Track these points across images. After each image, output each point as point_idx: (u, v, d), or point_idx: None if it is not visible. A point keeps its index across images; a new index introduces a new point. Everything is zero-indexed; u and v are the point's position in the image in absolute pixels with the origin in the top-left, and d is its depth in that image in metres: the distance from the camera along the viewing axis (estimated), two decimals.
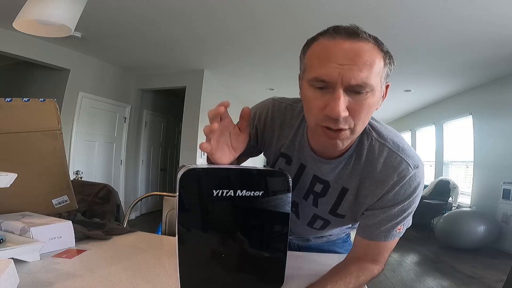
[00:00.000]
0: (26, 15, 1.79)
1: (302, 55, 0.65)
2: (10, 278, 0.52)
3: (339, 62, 0.55)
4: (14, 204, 0.91)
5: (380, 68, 0.58)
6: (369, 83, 0.56)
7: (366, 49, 0.56)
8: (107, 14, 2.86)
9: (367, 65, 0.56)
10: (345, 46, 0.56)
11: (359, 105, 0.57)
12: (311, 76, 0.59)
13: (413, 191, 0.66)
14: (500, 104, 4.16)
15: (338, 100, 0.56)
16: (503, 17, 2.54)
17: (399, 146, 0.67)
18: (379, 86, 0.59)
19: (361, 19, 2.65)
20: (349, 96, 0.57)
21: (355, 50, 0.56)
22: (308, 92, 0.60)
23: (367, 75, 0.55)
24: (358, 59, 0.55)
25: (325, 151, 0.70)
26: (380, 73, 0.58)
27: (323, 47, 0.58)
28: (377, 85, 0.58)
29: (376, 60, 0.57)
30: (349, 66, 0.55)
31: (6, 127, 0.91)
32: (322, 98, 0.58)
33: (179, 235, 0.55)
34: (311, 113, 0.61)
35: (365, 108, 0.58)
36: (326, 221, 0.79)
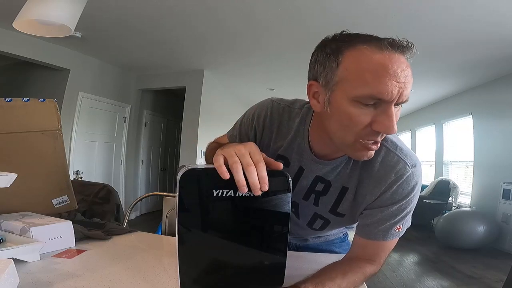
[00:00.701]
0: (26, 15, 1.79)
1: (334, 64, 0.58)
2: (10, 278, 0.52)
3: (398, 80, 0.53)
4: (14, 204, 0.91)
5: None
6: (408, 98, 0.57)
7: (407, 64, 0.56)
8: (107, 14, 2.86)
9: (409, 80, 0.56)
10: (400, 62, 0.54)
11: (397, 117, 0.58)
12: (361, 93, 0.54)
13: (411, 190, 0.67)
14: (500, 104, 4.16)
15: (392, 116, 0.55)
16: (503, 17, 2.54)
17: (397, 145, 0.68)
18: None
19: (361, 19, 2.66)
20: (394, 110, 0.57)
21: (406, 66, 0.55)
22: (350, 109, 0.56)
23: (409, 91, 0.56)
24: (409, 75, 0.55)
25: (327, 153, 0.71)
26: None
27: (376, 61, 0.54)
28: None
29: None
30: (405, 83, 0.54)
31: (6, 127, 0.91)
32: (370, 114, 0.56)
33: (179, 235, 0.55)
34: (352, 129, 0.58)
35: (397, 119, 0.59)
36: (326, 220, 0.79)
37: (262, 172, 0.52)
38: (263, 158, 0.55)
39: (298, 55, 3.22)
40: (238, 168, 0.52)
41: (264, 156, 0.56)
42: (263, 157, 0.55)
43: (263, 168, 0.53)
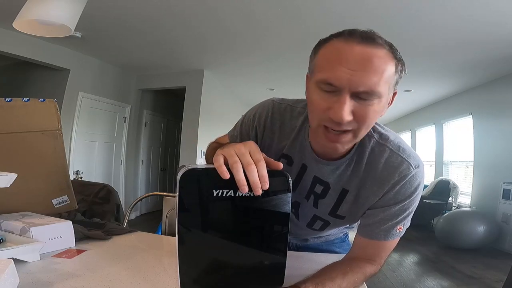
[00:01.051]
0: (26, 15, 1.79)
1: (313, 55, 0.63)
2: (10, 278, 0.52)
3: (349, 67, 0.54)
4: (14, 204, 0.91)
5: (390, 75, 0.58)
6: (376, 91, 0.55)
7: (379, 55, 0.55)
8: (107, 14, 2.86)
9: (377, 72, 0.55)
10: (357, 50, 0.55)
11: (365, 111, 0.57)
12: (319, 77, 0.58)
13: (413, 190, 0.67)
14: (500, 104, 4.16)
15: (343, 104, 0.55)
16: (503, 17, 2.54)
17: (400, 146, 0.68)
18: (387, 93, 0.59)
19: (361, 19, 2.65)
20: (355, 101, 0.57)
21: (367, 55, 0.55)
22: (313, 94, 0.60)
23: (375, 82, 0.55)
24: (369, 65, 0.54)
25: (326, 153, 0.70)
26: (389, 81, 0.58)
27: (335, 49, 0.57)
28: (384, 93, 0.58)
29: (388, 67, 0.56)
30: (359, 72, 0.54)
31: (6, 127, 0.91)
32: (328, 100, 0.58)
33: (179, 235, 0.55)
34: (314, 113, 0.61)
35: (370, 115, 0.58)
36: (326, 222, 0.79)
37: (262, 170, 0.52)
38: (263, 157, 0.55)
39: (298, 55, 3.22)
40: (238, 168, 0.52)
41: (263, 156, 0.56)
42: (262, 156, 0.55)
43: (263, 167, 0.53)
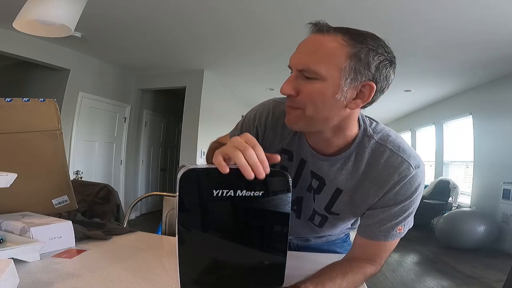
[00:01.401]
0: (26, 15, 1.79)
1: None
2: (10, 278, 0.52)
3: (298, 51, 0.63)
4: (14, 204, 0.91)
5: (340, 61, 0.59)
6: (312, 69, 0.60)
7: (323, 40, 0.60)
8: (107, 14, 2.86)
9: (317, 53, 0.60)
10: (308, 38, 0.63)
11: (306, 88, 0.61)
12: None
13: (414, 191, 0.67)
14: (500, 104, 4.16)
15: (287, 80, 0.63)
16: (503, 17, 2.54)
17: (400, 146, 0.68)
18: (337, 78, 0.59)
19: (361, 19, 2.65)
20: (301, 80, 0.62)
21: (311, 40, 0.62)
22: None
23: (311, 61, 0.60)
24: (308, 47, 0.62)
25: (321, 146, 0.71)
26: (339, 66, 0.59)
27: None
28: (330, 76, 0.59)
29: (335, 52, 0.59)
30: (302, 53, 0.62)
31: (6, 127, 0.91)
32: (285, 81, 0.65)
33: (179, 235, 0.55)
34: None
35: (313, 94, 0.61)
36: (324, 216, 0.80)
37: (261, 155, 0.53)
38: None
39: None
40: (238, 155, 0.52)
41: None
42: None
43: (261, 151, 0.54)
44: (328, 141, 0.69)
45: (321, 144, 0.71)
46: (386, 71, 0.62)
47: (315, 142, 0.72)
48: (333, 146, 0.70)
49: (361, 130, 0.70)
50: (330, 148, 0.70)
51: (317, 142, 0.71)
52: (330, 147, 0.70)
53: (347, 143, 0.69)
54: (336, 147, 0.70)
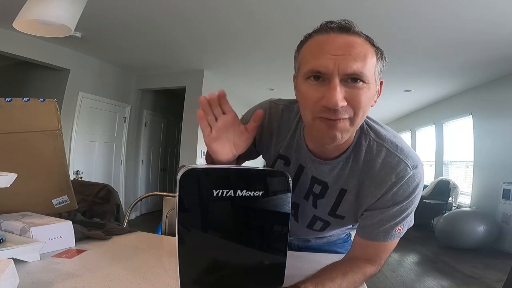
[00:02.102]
0: (26, 15, 1.79)
1: (297, 54, 0.66)
2: (10, 278, 0.52)
3: (333, 53, 0.57)
4: (14, 204, 0.91)
5: (374, 62, 0.60)
6: (364, 73, 0.57)
7: (359, 42, 0.58)
8: (107, 14, 2.86)
9: (361, 55, 0.57)
10: (339, 39, 0.58)
11: (357, 95, 0.58)
12: (306, 69, 0.59)
13: (412, 191, 0.66)
14: (500, 104, 4.16)
15: (335, 89, 0.56)
16: (503, 17, 2.54)
17: (397, 146, 0.67)
18: (374, 80, 0.60)
19: (361, 19, 2.64)
20: (346, 87, 0.57)
21: (349, 42, 0.58)
22: (303, 87, 0.61)
23: (362, 65, 0.57)
24: (352, 50, 0.57)
25: (322, 151, 0.70)
26: (374, 67, 0.60)
27: (317, 42, 0.60)
28: (371, 78, 0.59)
29: (369, 53, 0.59)
30: (344, 56, 0.56)
31: (6, 127, 0.91)
32: (318, 90, 0.58)
33: (179, 235, 0.55)
34: (307, 107, 0.61)
35: (363, 99, 0.58)
36: (326, 222, 0.79)
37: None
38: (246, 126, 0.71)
39: None
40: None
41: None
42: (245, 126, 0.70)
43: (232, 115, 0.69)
44: (337, 145, 0.67)
45: (325, 148, 0.69)
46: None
47: (318, 147, 0.70)
48: (338, 150, 0.69)
49: (358, 128, 0.68)
50: (335, 152, 0.69)
51: (322, 146, 0.69)
52: (335, 151, 0.69)
53: (348, 144, 0.69)
54: (340, 149, 0.69)
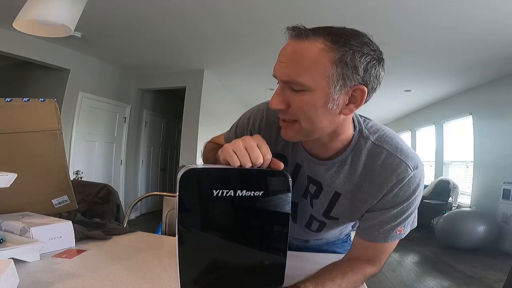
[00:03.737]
0: (26, 15, 1.79)
1: None
2: (10, 278, 0.52)
3: (280, 60, 0.61)
4: (14, 204, 0.91)
5: (324, 68, 0.56)
6: (297, 80, 0.57)
7: (303, 48, 0.57)
8: (107, 14, 2.86)
9: (295, 62, 0.57)
10: (286, 47, 0.60)
11: (295, 101, 0.60)
12: None
13: (412, 192, 0.66)
14: (500, 104, 4.16)
15: (275, 93, 0.61)
16: (503, 17, 2.54)
17: (397, 147, 0.66)
18: (325, 86, 0.57)
19: (362, 19, 2.65)
20: (290, 92, 0.60)
21: (292, 48, 0.59)
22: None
23: (294, 72, 0.57)
24: (289, 57, 0.59)
25: (315, 150, 0.71)
26: (324, 73, 0.56)
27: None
28: (316, 85, 0.57)
29: (318, 59, 0.56)
30: (285, 63, 0.59)
31: (6, 127, 0.91)
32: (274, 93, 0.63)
33: (179, 235, 0.55)
34: None
35: (303, 106, 0.59)
36: (322, 222, 0.79)
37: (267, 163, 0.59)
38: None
39: None
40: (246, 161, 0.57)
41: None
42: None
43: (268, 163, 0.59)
44: (325, 146, 0.68)
45: (318, 149, 0.70)
46: (376, 71, 0.59)
47: (312, 147, 0.71)
48: (330, 150, 0.69)
49: (357, 131, 0.68)
50: (327, 152, 0.70)
51: (314, 147, 0.71)
52: (327, 152, 0.69)
53: (343, 146, 0.68)
54: (333, 150, 0.69)
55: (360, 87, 0.59)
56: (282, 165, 0.59)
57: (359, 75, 0.57)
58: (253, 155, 0.57)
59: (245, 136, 0.60)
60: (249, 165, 0.56)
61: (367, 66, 0.57)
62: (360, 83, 0.58)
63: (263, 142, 0.60)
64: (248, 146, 0.57)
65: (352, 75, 0.57)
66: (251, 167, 0.56)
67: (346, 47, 0.56)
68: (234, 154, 0.57)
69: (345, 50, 0.56)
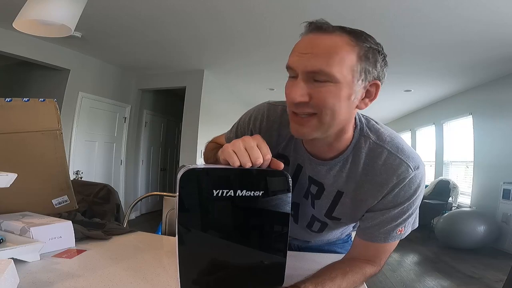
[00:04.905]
0: (26, 15, 1.79)
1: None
2: (10, 278, 0.52)
3: (300, 51, 0.60)
4: (14, 204, 0.91)
5: (351, 61, 0.58)
6: (326, 71, 0.57)
7: (330, 40, 0.58)
8: (107, 14, 2.86)
9: (325, 53, 0.57)
10: (307, 39, 0.60)
11: (319, 92, 0.58)
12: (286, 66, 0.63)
13: (413, 192, 0.66)
14: (500, 104, 4.16)
15: (295, 85, 0.59)
16: (503, 17, 2.54)
17: (398, 147, 0.66)
18: (350, 79, 0.59)
19: (362, 19, 2.66)
20: (311, 84, 0.59)
21: (315, 40, 0.59)
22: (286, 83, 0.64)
23: (324, 63, 0.57)
24: (316, 48, 0.58)
25: (317, 150, 0.70)
26: (351, 67, 0.58)
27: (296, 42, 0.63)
28: (342, 77, 0.58)
29: (343, 52, 0.58)
30: (307, 54, 0.58)
31: (6, 127, 0.91)
32: (289, 85, 0.62)
33: (179, 235, 0.55)
34: (287, 102, 0.64)
35: (327, 98, 0.58)
36: (323, 223, 0.79)
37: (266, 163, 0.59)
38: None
39: None
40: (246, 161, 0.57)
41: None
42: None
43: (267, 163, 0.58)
44: (330, 146, 0.68)
45: (320, 149, 0.69)
46: (385, 69, 0.63)
47: (314, 147, 0.70)
48: (333, 150, 0.69)
49: (357, 130, 0.68)
50: (330, 152, 0.69)
51: (317, 147, 0.70)
52: (330, 152, 0.69)
53: (346, 145, 0.68)
54: (337, 151, 0.69)
55: (376, 82, 0.62)
56: (282, 165, 0.59)
57: (376, 71, 0.61)
58: (253, 155, 0.56)
59: (245, 136, 0.60)
60: (249, 165, 0.56)
61: (382, 63, 0.62)
62: (375, 78, 0.62)
63: (263, 142, 0.59)
64: (248, 146, 0.57)
65: (372, 70, 0.61)
66: (251, 167, 0.56)
67: (367, 44, 0.60)
68: (234, 154, 0.56)
69: (367, 46, 0.59)
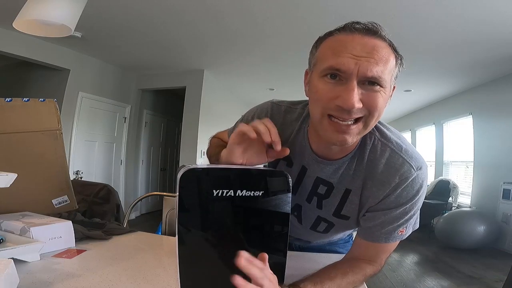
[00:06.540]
0: (26, 15, 1.79)
1: (314, 50, 0.64)
2: (10, 278, 0.52)
3: (356, 54, 0.56)
4: (14, 204, 0.91)
5: (393, 67, 0.60)
6: (383, 78, 0.57)
7: (383, 46, 0.58)
8: (107, 14, 2.86)
9: (383, 60, 0.57)
10: (363, 41, 0.57)
11: (373, 98, 0.57)
12: (324, 66, 0.58)
13: (415, 193, 0.65)
14: (500, 104, 4.16)
15: (352, 91, 0.55)
16: (503, 16, 2.54)
17: (402, 147, 0.66)
18: (390, 85, 0.60)
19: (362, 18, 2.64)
20: (362, 89, 0.57)
21: (373, 45, 0.57)
22: (319, 83, 0.59)
23: (382, 69, 0.57)
24: (375, 53, 0.56)
25: (327, 152, 0.69)
26: (391, 72, 0.60)
27: (339, 41, 0.59)
28: (388, 83, 0.59)
29: (391, 58, 0.59)
30: (367, 58, 0.56)
31: (6, 127, 0.91)
32: (334, 89, 0.57)
33: (179, 235, 0.55)
34: (319, 103, 0.60)
35: (379, 102, 0.58)
36: (330, 223, 0.78)
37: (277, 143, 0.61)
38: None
39: (298, 55, 3.21)
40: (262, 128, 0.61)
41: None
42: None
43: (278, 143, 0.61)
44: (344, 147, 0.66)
45: (333, 151, 0.68)
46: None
47: (326, 149, 0.69)
48: (344, 151, 0.68)
49: None
50: (341, 153, 0.68)
51: (329, 149, 0.68)
52: (341, 152, 0.68)
53: (355, 144, 0.68)
54: (347, 151, 0.68)
55: (395, 85, 0.64)
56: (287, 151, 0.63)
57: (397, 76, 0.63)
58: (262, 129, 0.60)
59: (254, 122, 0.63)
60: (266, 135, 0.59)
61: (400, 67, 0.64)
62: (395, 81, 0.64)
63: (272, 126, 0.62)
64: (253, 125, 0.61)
65: (397, 76, 0.63)
66: (253, 166, 0.56)
67: (398, 51, 0.62)
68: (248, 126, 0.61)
69: (398, 54, 0.62)
